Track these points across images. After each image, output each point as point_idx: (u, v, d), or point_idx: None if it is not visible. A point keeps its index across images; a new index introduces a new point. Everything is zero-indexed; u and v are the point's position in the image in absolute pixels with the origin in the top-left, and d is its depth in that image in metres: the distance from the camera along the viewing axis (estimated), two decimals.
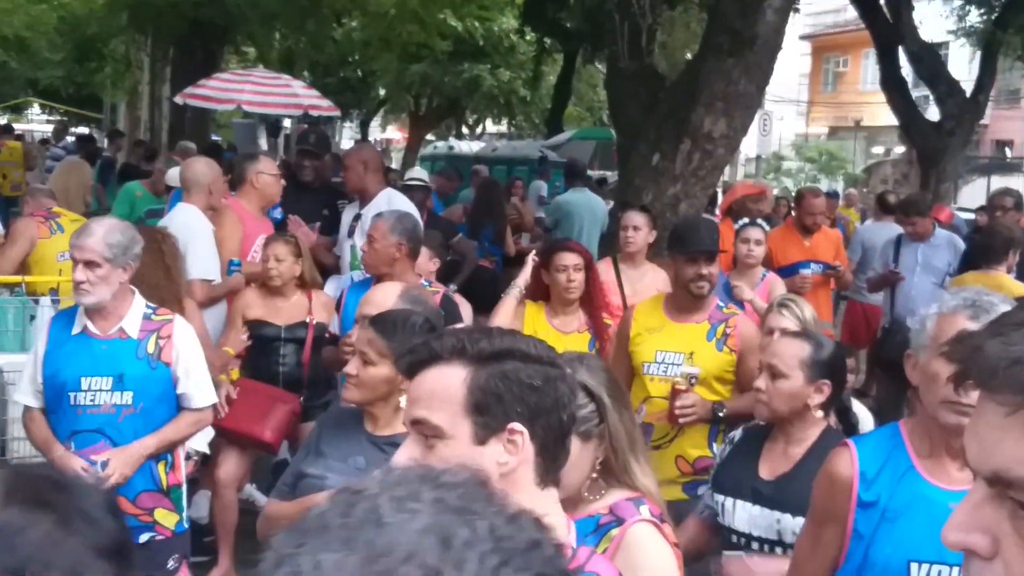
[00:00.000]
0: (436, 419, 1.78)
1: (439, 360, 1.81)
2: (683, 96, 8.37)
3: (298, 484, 3.35)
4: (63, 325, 4.39)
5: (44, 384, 4.36)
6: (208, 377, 4.59)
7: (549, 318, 5.45)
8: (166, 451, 4.44)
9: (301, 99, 13.81)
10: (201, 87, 13.69)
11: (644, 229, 6.53)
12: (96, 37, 22.29)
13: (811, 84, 47.02)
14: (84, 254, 4.20)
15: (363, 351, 3.30)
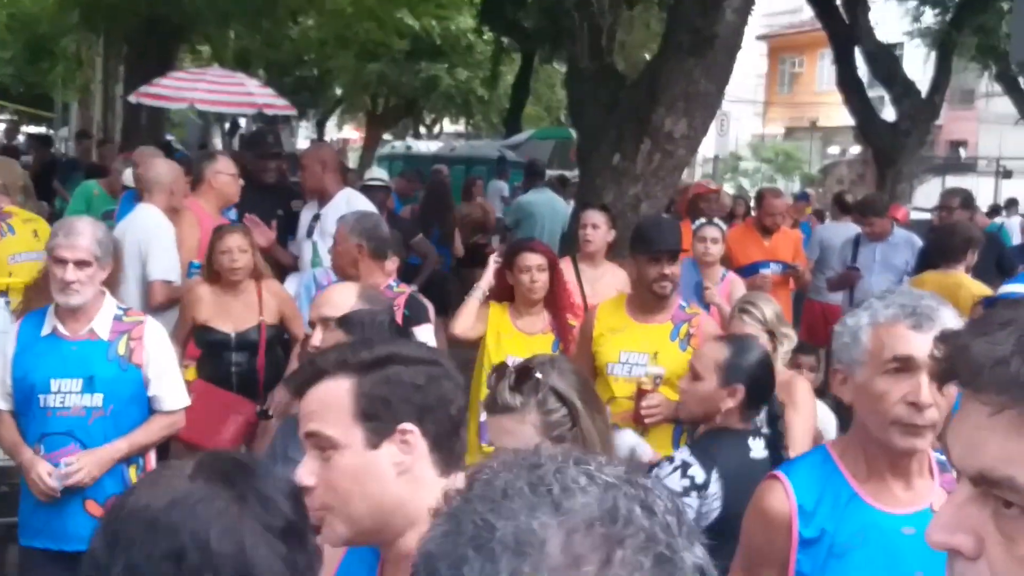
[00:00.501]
0: (328, 430, 1.81)
1: (325, 375, 1.86)
2: (644, 96, 8.36)
3: None
4: (32, 326, 4.32)
5: (13, 386, 4.29)
6: (180, 380, 4.54)
7: (513, 319, 5.43)
8: (137, 454, 4.38)
9: (256, 98, 13.70)
10: (155, 86, 13.54)
11: (603, 228, 6.52)
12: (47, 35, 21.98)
13: (767, 84, 47.38)
14: (77, 253, 4.14)
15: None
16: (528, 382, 2.65)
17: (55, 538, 4.22)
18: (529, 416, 2.63)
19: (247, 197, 7.22)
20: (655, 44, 11.51)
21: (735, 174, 37.46)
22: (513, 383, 2.66)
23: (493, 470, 0.99)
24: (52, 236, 4.27)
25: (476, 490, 0.97)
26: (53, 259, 4.19)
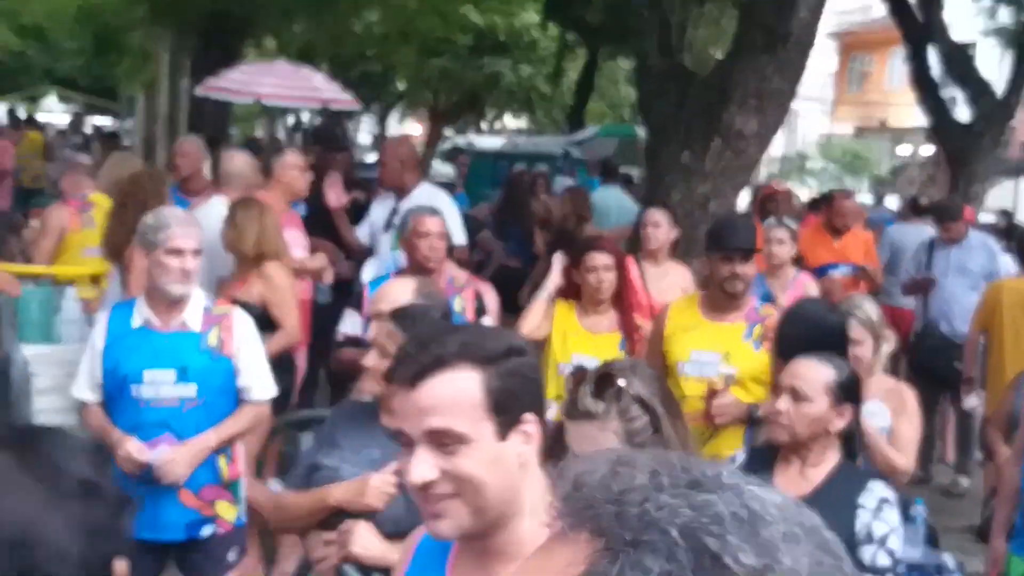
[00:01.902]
0: (459, 427, 1.79)
1: (445, 366, 1.81)
2: (714, 93, 8.25)
3: (312, 476, 3.34)
4: (121, 318, 4.37)
5: (103, 378, 4.33)
6: (268, 370, 4.57)
7: (580, 318, 5.40)
8: (227, 444, 4.43)
9: (321, 92, 13.74)
10: (222, 79, 13.63)
11: (665, 226, 6.50)
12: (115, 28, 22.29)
13: (837, 83, 46.76)
14: (193, 242, 4.22)
15: (383, 344, 3.29)
16: (610, 389, 2.63)
17: (150, 528, 4.24)
18: (611, 423, 2.61)
19: (314, 189, 7.29)
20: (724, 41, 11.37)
21: (802, 173, 37.06)
22: (594, 389, 2.65)
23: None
24: (160, 227, 4.26)
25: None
26: (167, 250, 4.20)
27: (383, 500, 3.13)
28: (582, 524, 0.90)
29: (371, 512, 3.13)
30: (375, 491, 3.13)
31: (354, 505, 3.16)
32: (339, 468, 3.28)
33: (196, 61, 18.93)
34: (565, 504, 0.93)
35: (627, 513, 0.89)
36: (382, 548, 3.06)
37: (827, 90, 45.37)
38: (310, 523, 3.33)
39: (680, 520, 0.87)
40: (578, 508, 0.91)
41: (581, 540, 0.89)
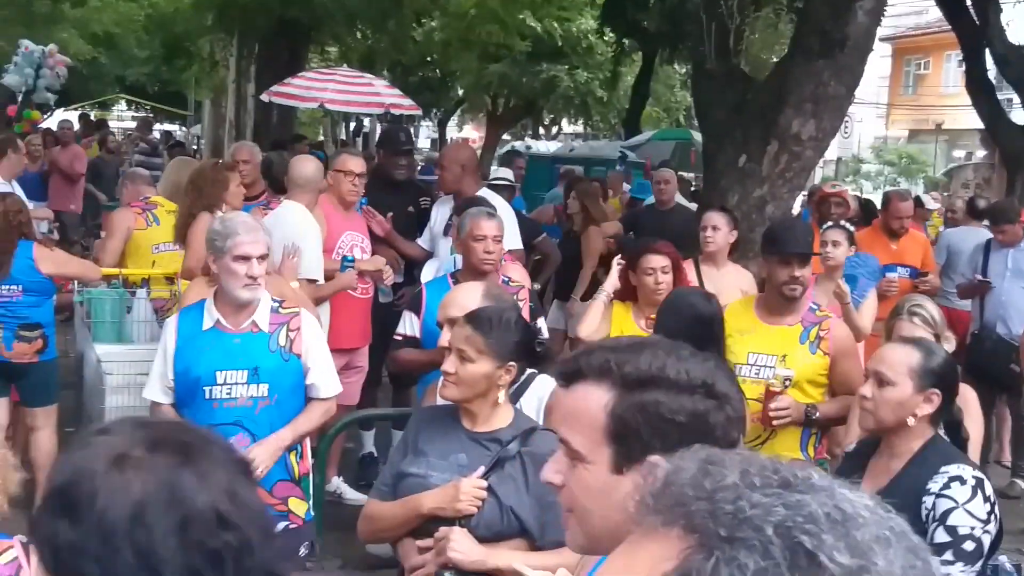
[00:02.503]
0: (576, 443, 1.68)
1: (584, 378, 1.70)
2: (771, 97, 8.31)
3: (399, 484, 3.37)
4: (191, 320, 4.46)
5: (175, 380, 4.41)
6: (333, 368, 4.66)
7: (636, 319, 5.45)
8: (298, 441, 4.52)
9: (383, 98, 13.93)
10: (286, 85, 13.88)
11: (724, 229, 6.50)
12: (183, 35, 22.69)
13: (891, 86, 46.32)
14: (260, 248, 4.30)
15: (461, 348, 3.30)
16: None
17: None
18: None
19: (381, 193, 7.38)
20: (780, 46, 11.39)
21: (857, 177, 36.75)
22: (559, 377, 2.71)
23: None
24: (228, 234, 4.34)
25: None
26: (234, 256, 4.29)
27: (476, 505, 3.16)
28: (674, 520, 0.91)
29: (464, 517, 3.17)
30: (467, 496, 3.15)
31: (447, 511, 3.18)
32: (427, 475, 3.30)
33: (261, 68, 19.25)
34: (656, 501, 0.94)
35: (720, 510, 0.90)
36: (480, 552, 3.11)
37: (881, 93, 44.92)
38: (402, 532, 3.36)
39: (774, 518, 0.88)
40: (669, 505, 0.92)
41: (672, 536, 0.91)
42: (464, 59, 24.47)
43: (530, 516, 3.17)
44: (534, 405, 3.66)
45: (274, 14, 17.00)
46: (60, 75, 15.95)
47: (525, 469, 3.19)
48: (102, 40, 24.77)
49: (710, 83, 9.06)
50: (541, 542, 3.16)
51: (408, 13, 20.15)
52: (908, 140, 43.44)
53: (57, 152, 13.88)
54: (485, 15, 19.20)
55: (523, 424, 3.33)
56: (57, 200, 13.53)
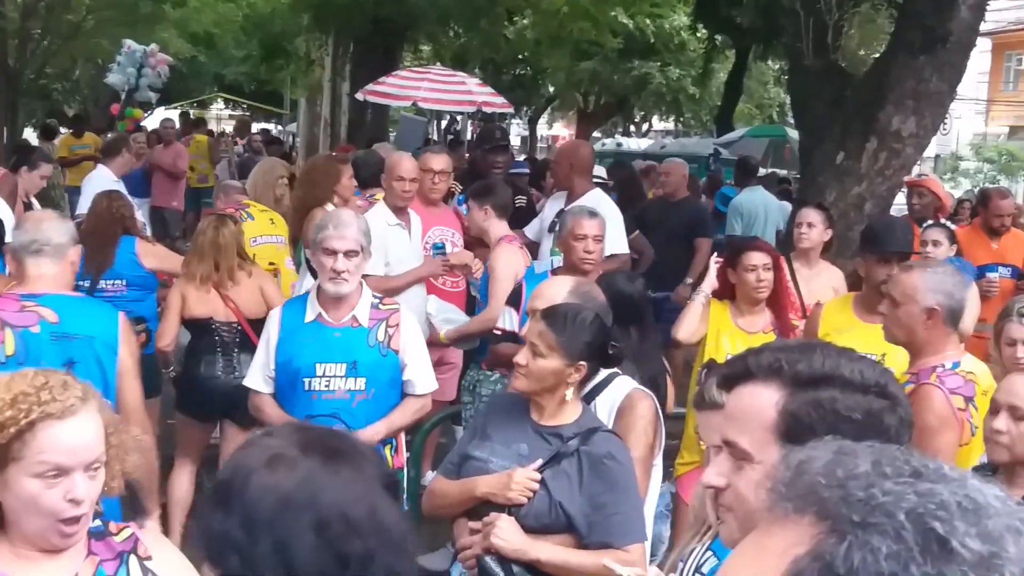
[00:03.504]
0: (744, 443, 1.66)
1: (753, 378, 1.69)
2: (871, 93, 8.20)
3: (463, 465, 3.43)
4: (294, 313, 4.55)
5: (276, 370, 4.51)
6: (430, 365, 4.69)
7: (734, 317, 5.42)
8: (393, 435, 4.58)
9: (475, 96, 14.04)
10: (381, 84, 14.06)
11: (819, 227, 6.41)
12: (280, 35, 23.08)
13: (991, 82, 45.22)
14: (347, 244, 4.34)
15: (533, 343, 3.34)
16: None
17: None
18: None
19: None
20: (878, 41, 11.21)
21: (955, 174, 35.98)
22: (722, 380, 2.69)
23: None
24: (321, 228, 4.44)
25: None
26: (323, 250, 4.37)
27: (526, 495, 3.20)
28: (806, 507, 0.93)
29: (514, 506, 3.21)
30: (519, 486, 3.20)
31: (498, 498, 3.23)
32: (488, 460, 3.35)
33: (356, 67, 19.49)
34: (788, 488, 0.96)
35: (853, 497, 0.91)
36: (522, 541, 3.17)
37: (980, 90, 43.86)
38: (458, 511, 3.41)
39: (906, 505, 0.89)
40: (802, 492, 0.94)
41: (804, 523, 0.92)
42: (555, 56, 24.51)
43: (579, 513, 3.19)
44: (607, 405, 3.67)
45: (369, 13, 17.20)
46: (161, 74, 16.33)
47: (581, 467, 3.22)
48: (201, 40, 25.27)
49: (807, 79, 8.96)
50: (587, 540, 3.19)
51: (500, 11, 20.25)
52: (1008, 137, 42.34)
53: (160, 150, 14.21)
54: (577, 12, 19.17)
55: (588, 423, 3.35)
56: (160, 197, 13.87)
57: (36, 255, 4.03)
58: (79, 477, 2.19)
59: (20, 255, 4.05)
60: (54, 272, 4.06)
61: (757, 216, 10.70)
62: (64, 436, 2.18)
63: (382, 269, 6.19)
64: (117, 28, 20.34)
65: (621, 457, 3.26)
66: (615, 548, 3.14)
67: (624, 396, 3.67)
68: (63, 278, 4.12)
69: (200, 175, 16.38)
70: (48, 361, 3.91)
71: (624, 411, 3.63)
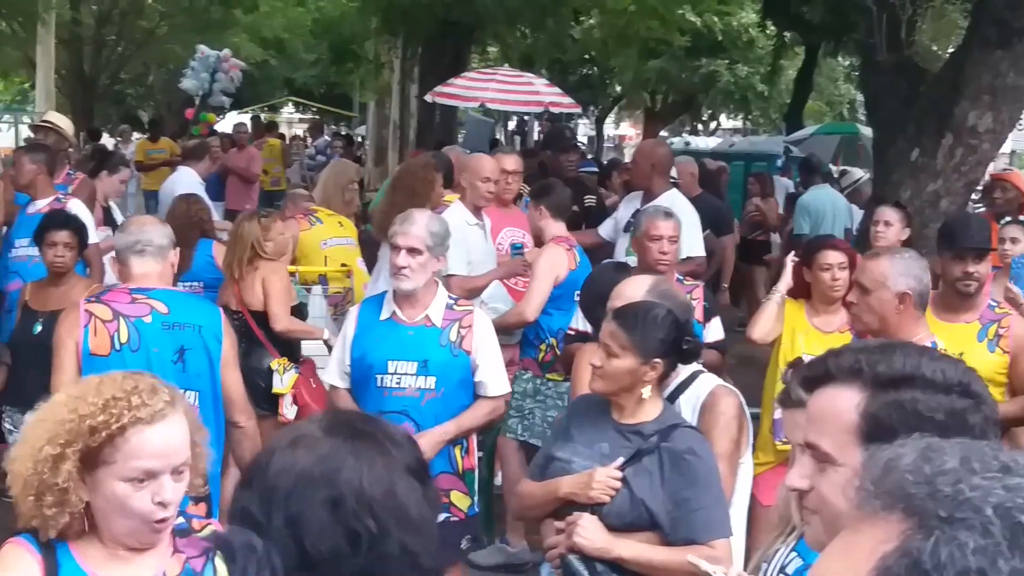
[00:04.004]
0: (825, 445, 1.65)
1: (833, 380, 1.67)
2: (946, 89, 8.09)
3: (548, 466, 3.45)
4: (371, 310, 4.62)
5: (351, 366, 4.58)
6: (503, 367, 4.72)
7: (809, 317, 5.37)
8: (463, 436, 4.59)
9: (543, 96, 14.06)
10: (449, 86, 14.13)
11: (896, 225, 6.35)
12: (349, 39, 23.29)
13: None
14: (408, 240, 4.40)
15: (606, 343, 3.33)
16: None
17: None
18: None
19: None
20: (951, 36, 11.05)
21: None
22: (803, 382, 2.68)
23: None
24: (394, 223, 4.54)
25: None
26: (391, 246, 4.48)
27: (608, 494, 3.20)
28: (894, 504, 0.94)
29: (597, 505, 3.21)
30: (600, 484, 3.20)
31: (580, 497, 3.24)
32: (571, 461, 3.35)
33: (424, 69, 19.62)
34: (876, 486, 0.97)
35: (940, 493, 0.91)
36: (605, 540, 3.17)
37: None
38: (543, 512, 3.44)
39: (994, 500, 0.89)
40: (889, 489, 0.95)
41: (892, 520, 0.93)
42: (623, 56, 24.43)
43: (661, 510, 3.19)
44: (691, 403, 3.66)
45: (438, 15, 17.30)
46: (234, 79, 16.57)
47: (662, 464, 3.22)
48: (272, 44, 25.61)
49: (881, 75, 8.88)
50: (671, 537, 3.19)
51: (567, 11, 20.24)
52: None
53: (234, 154, 14.42)
54: (644, 11, 19.11)
55: (669, 420, 3.35)
56: (234, 200, 14.05)
57: (140, 255, 4.24)
58: (167, 480, 2.23)
59: (125, 255, 4.27)
60: (157, 271, 4.28)
61: (825, 214, 10.58)
62: (154, 440, 2.22)
63: (464, 268, 6.22)
64: (189, 34, 20.71)
65: (702, 452, 3.26)
66: (699, 544, 3.14)
67: (707, 393, 3.65)
68: (165, 277, 4.34)
69: (273, 178, 16.62)
70: (161, 349, 4.18)
71: (707, 408, 3.61)
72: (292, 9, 23.26)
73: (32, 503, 2.22)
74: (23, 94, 33.39)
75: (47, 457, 2.20)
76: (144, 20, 22.26)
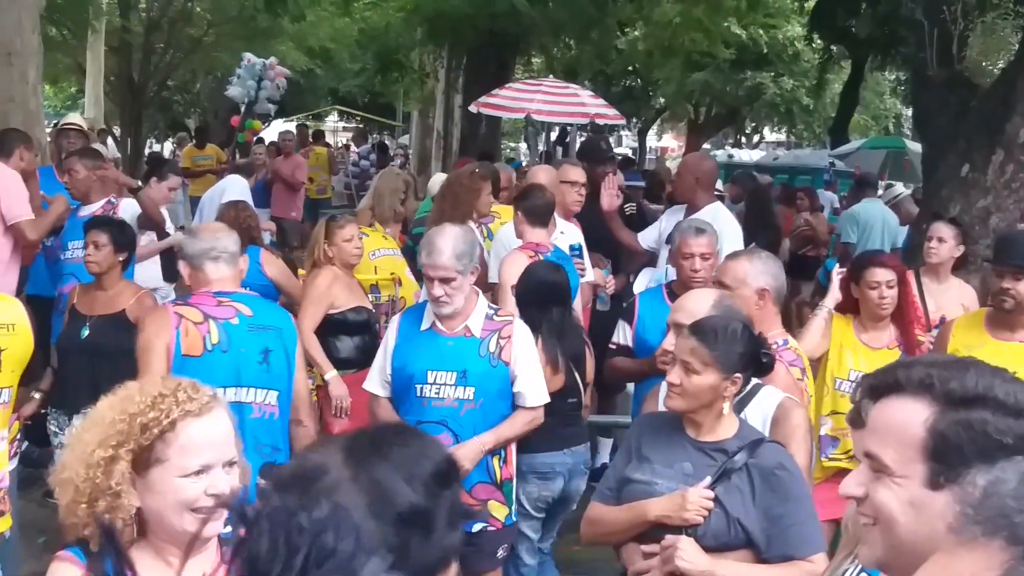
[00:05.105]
0: (887, 457, 1.63)
1: (901, 391, 1.66)
2: (997, 104, 7.99)
3: (623, 489, 3.39)
4: (412, 321, 4.65)
5: (392, 375, 4.62)
6: (542, 378, 4.71)
7: (857, 332, 5.34)
8: (501, 447, 4.60)
9: (588, 108, 14.02)
10: (494, 96, 14.13)
11: (950, 242, 6.28)
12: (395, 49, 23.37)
13: None
14: (438, 272, 4.44)
15: (686, 360, 3.30)
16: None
17: None
18: None
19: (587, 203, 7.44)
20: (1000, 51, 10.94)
21: None
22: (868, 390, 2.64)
23: None
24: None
25: None
26: (424, 275, 4.58)
27: (703, 514, 3.16)
28: (995, 531, 0.94)
29: (691, 526, 3.17)
30: (695, 506, 3.15)
31: (674, 519, 3.18)
32: (653, 482, 3.30)
33: (469, 79, 19.67)
34: (976, 511, 0.96)
35: None
36: (707, 562, 3.12)
37: None
38: (627, 537, 3.36)
39: None
40: (991, 516, 0.96)
41: (994, 547, 0.94)
42: (667, 68, 24.37)
43: (756, 528, 3.15)
44: (759, 417, 3.62)
45: (483, 26, 17.33)
46: (280, 86, 16.60)
47: (752, 481, 3.18)
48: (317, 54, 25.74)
49: (931, 90, 8.80)
50: (767, 555, 3.14)
51: (612, 22, 20.20)
52: None
53: (279, 161, 14.52)
54: (689, 23, 19.04)
55: (749, 435, 3.30)
56: (279, 207, 14.16)
57: (215, 261, 4.38)
58: (219, 472, 2.24)
59: (200, 260, 4.39)
60: (231, 275, 4.42)
61: (873, 227, 10.51)
62: (205, 432, 2.23)
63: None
64: (236, 42, 20.83)
65: (791, 467, 3.22)
66: (797, 560, 3.11)
67: (776, 406, 3.62)
68: (237, 281, 4.48)
69: (319, 186, 16.73)
70: (248, 349, 4.29)
71: (779, 421, 3.57)
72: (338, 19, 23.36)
73: (84, 510, 2.21)
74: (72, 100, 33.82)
75: (99, 460, 2.20)
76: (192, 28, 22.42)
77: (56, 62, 22.34)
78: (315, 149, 17.36)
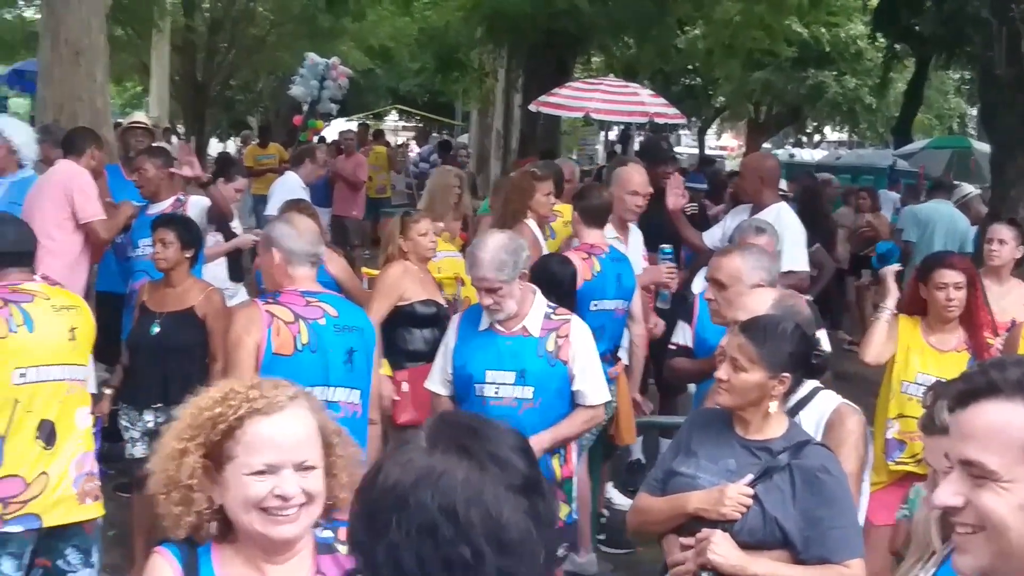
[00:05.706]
0: (992, 463, 1.59)
1: (998, 394, 1.61)
2: None
3: (669, 481, 3.41)
4: (470, 321, 4.70)
5: (453, 375, 4.67)
6: (602, 376, 4.73)
7: (925, 335, 5.28)
8: (560, 446, 4.62)
9: (648, 107, 13.96)
10: (553, 95, 14.13)
11: (1011, 243, 6.23)
12: (454, 48, 23.49)
13: None
14: (482, 284, 4.50)
15: (734, 357, 3.31)
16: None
17: None
18: None
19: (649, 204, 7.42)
20: None
21: None
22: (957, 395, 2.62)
23: None
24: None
25: None
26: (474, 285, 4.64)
27: (740, 511, 3.16)
28: None
29: (728, 522, 3.17)
30: (732, 501, 3.16)
31: (711, 513, 3.20)
32: (696, 476, 3.33)
33: (529, 78, 19.70)
34: None
35: None
36: (739, 557, 3.12)
37: None
38: (667, 528, 3.37)
39: None
40: None
41: None
42: (727, 66, 24.20)
43: (794, 528, 3.14)
44: (814, 420, 3.60)
45: (543, 25, 17.35)
46: (342, 86, 16.76)
47: (794, 481, 3.17)
48: (378, 53, 25.94)
49: (999, 90, 8.69)
50: (803, 556, 3.14)
51: (672, 21, 20.13)
52: None
53: (341, 160, 14.64)
54: (750, 21, 18.91)
55: (796, 436, 3.30)
56: (340, 206, 14.29)
57: (313, 266, 4.47)
58: (288, 474, 2.17)
59: (300, 259, 4.43)
60: (314, 276, 4.51)
61: (934, 226, 10.37)
62: (270, 431, 2.19)
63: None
64: (298, 42, 21.06)
65: (835, 470, 3.20)
66: (833, 564, 3.10)
67: (831, 411, 3.60)
68: (315, 280, 4.56)
69: (379, 185, 16.85)
70: (334, 349, 4.34)
71: (834, 425, 3.56)
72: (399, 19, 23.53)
73: (163, 501, 2.23)
74: (136, 99, 34.33)
75: (172, 452, 2.22)
76: (255, 28, 22.70)
77: (121, 62, 22.67)
78: (375, 148, 17.49)
